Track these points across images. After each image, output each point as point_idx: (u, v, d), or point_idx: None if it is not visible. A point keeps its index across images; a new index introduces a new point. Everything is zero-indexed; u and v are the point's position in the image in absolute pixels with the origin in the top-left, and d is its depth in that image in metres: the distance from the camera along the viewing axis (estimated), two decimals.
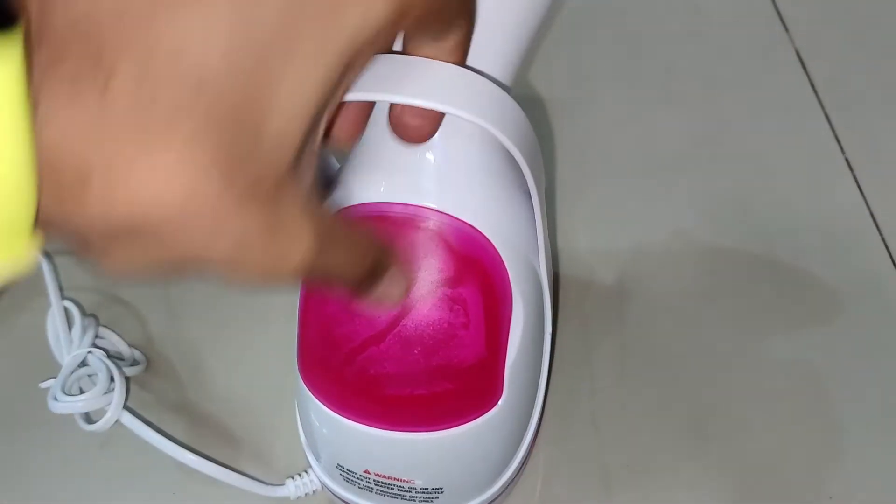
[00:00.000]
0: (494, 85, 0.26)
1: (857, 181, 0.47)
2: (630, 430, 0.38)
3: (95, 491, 0.37)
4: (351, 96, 0.25)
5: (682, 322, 0.42)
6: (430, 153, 0.28)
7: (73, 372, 0.37)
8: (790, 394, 0.39)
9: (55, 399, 0.35)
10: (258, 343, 0.41)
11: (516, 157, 0.26)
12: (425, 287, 0.27)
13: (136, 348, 0.41)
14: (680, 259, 0.44)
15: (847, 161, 0.48)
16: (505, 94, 0.26)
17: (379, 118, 0.29)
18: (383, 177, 0.28)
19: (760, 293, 0.43)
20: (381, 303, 0.25)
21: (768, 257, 0.44)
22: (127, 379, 0.38)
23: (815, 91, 0.52)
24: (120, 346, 0.40)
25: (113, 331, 0.41)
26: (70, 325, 0.39)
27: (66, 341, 0.38)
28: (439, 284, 0.27)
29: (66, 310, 0.40)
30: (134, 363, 0.40)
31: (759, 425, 0.38)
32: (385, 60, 0.24)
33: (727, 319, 0.42)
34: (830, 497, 0.36)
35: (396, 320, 0.27)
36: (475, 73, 0.25)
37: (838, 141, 0.49)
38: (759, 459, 0.37)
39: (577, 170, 0.48)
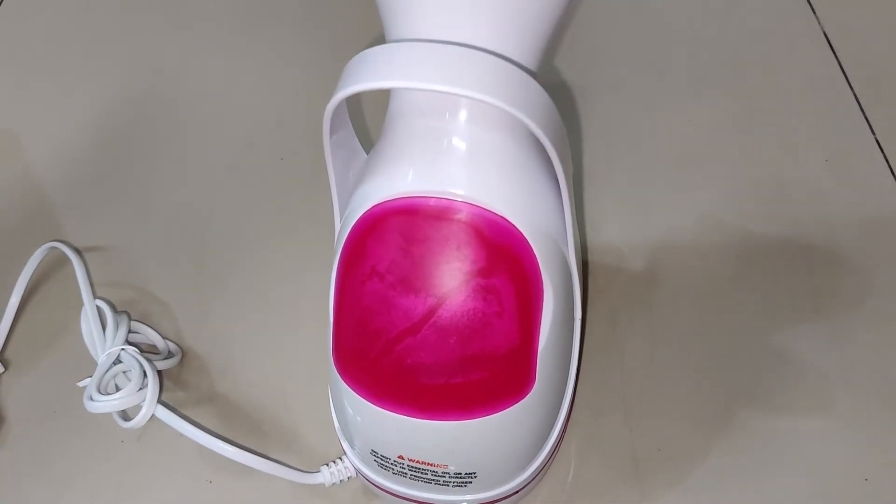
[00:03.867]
0: (520, 70, 0.26)
1: (888, 162, 0.47)
2: (660, 415, 0.38)
3: (134, 483, 0.38)
4: (377, 84, 0.25)
5: (711, 308, 0.42)
6: (458, 140, 0.28)
7: (107, 370, 0.37)
8: (821, 378, 0.39)
9: (91, 399, 0.36)
10: (288, 335, 0.42)
11: (544, 143, 0.26)
12: (460, 278, 0.28)
13: (171, 341, 0.42)
14: (708, 244, 0.44)
15: (878, 142, 0.48)
16: (531, 79, 0.26)
17: (404, 106, 0.29)
18: (412, 167, 0.29)
19: (790, 278, 0.43)
20: None
21: (798, 241, 0.44)
22: (160, 373, 0.38)
23: (843, 72, 0.51)
24: (155, 338, 0.41)
25: (147, 325, 0.41)
26: (103, 323, 0.40)
27: (101, 340, 0.39)
28: (473, 275, 0.28)
29: (97, 308, 0.40)
30: (169, 356, 0.40)
31: (790, 409, 0.38)
32: (408, 47, 0.24)
33: (757, 305, 0.42)
34: (866, 479, 0.36)
35: (432, 311, 0.28)
36: (501, 59, 0.25)
37: (868, 122, 0.49)
38: (790, 443, 0.37)
39: (604, 157, 0.48)
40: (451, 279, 0.28)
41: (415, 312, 0.28)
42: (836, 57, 0.52)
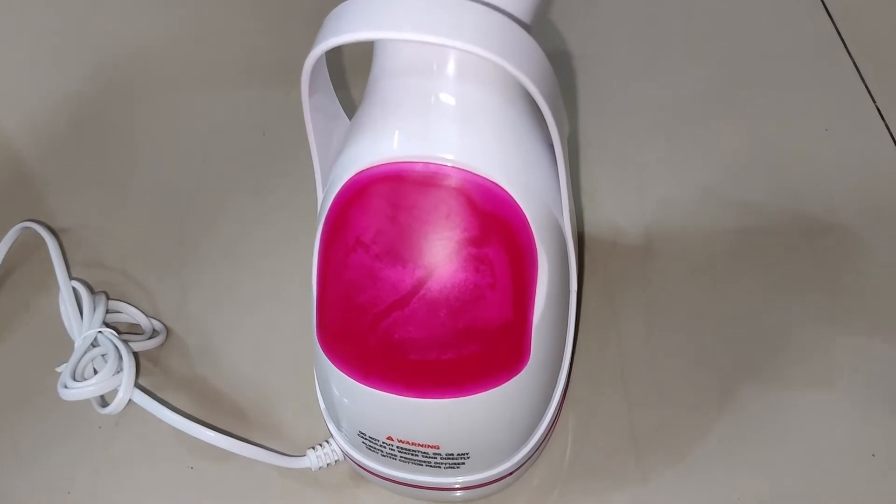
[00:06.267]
0: (511, 21, 0.24)
1: (889, 131, 0.46)
2: (659, 389, 0.37)
3: (113, 469, 0.36)
4: (360, 35, 0.24)
5: (710, 281, 0.41)
6: (447, 101, 0.26)
7: (84, 353, 0.36)
8: (824, 352, 0.38)
9: (65, 387, 0.34)
10: (271, 314, 0.41)
11: (536, 99, 0.25)
12: (450, 248, 0.26)
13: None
14: (706, 217, 0.43)
15: (879, 111, 0.47)
16: (524, 31, 0.24)
17: (388, 65, 0.27)
18: (398, 129, 0.27)
19: (790, 250, 0.42)
20: None
21: (797, 212, 0.43)
22: (136, 356, 0.37)
23: (841, 38, 0.50)
24: (138, 317, 0.40)
25: (129, 303, 0.40)
26: (80, 305, 0.38)
27: (77, 323, 0.37)
28: (464, 244, 0.26)
29: (74, 290, 0.39)
30: (154, 334, 0.39)
31: (792, 384, 0.37)
32: None
33: (755, 276, 0.41)
34: (873, 455, 0.35)
35: (421, 283, 0.26)
36: (490, 8, 0.24)
37: (869, 91, 0.47)
38: (793, 416, 0.36)
39: (598, 127, 0.47)
40: (441, 249, 0.26)
41: (402, 285, 0.26)
42: (835, 24, 0.50)
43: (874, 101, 0.47)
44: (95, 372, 0.36)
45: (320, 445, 0.35)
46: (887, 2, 0.52)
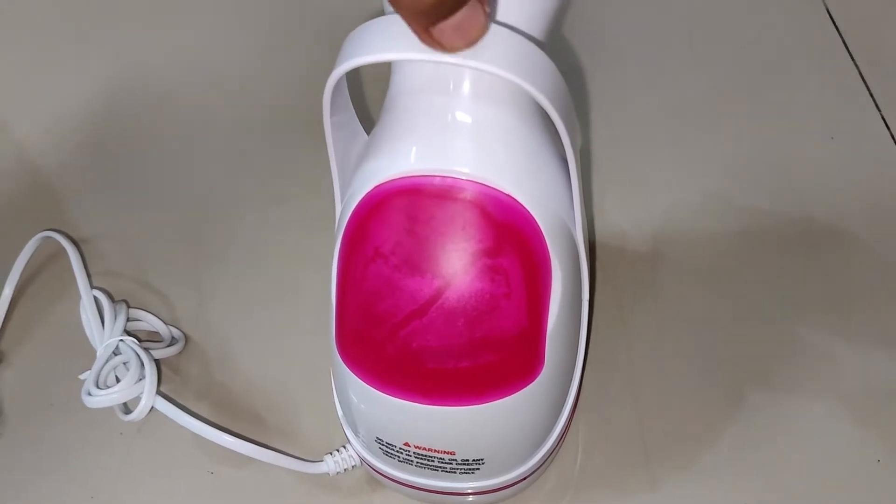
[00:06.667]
0: (526, 39, 0.25)
1: (893, 136, 0.46)
2: (669, 396, 0.38)
3: (133, 475, 0.37)
4: (380, 56, 0.24)
5: (718, 288, 0.41)
6: (462, 116, 0.27)
7: (107, 362, 0.37)
8: (830, 358, 0.39)
9: (89, 394, 0.35)
10: (289, 321, 0.41)
11: (550, 114, 0.26)
12: (466, 258, 0.27)
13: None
14: (713, 222, 0.44)
15: (883, 119, 0.47)
16: (536, 48, 0.25)
17: (406, 83, 0.28)
18: (415, 145, 0.28)
19: (797, 256, 0.42)
20: (459, 34, 0.23)
21: (803, 218, 0.43)
22: (157, 363, 0.37)
23: (846, 46, 0.50)
24: (157, 325, 0.40)
25: (149, 311, 0.41)
26: (101, 314, 0.39)
27: (99, 331, 0.38)
28: (480, 255, 0.27)
29: (95, 299, 0.39)
30: (172, 342, 0.40)
31: (799, 390, 0.38)
32: None
33: (763, 282, 0.41)
34: (878, 460, 0.36)
35: (439, 293, 0.27)
36: (507, 28, 0.25)
37: (873, 97, 0.48)
38: (801, 425, 0.37)
39: (605, 135, 0.47)
40: (458, 260, 0.27)
41: (421, 294, 0.27)
42: (840, 33, 0.51)
43: (878, 109, 0.47)
44: (118, 379, 0.36)
45: (338, 451, 0.35)
46: (892, 9, 0.52)
